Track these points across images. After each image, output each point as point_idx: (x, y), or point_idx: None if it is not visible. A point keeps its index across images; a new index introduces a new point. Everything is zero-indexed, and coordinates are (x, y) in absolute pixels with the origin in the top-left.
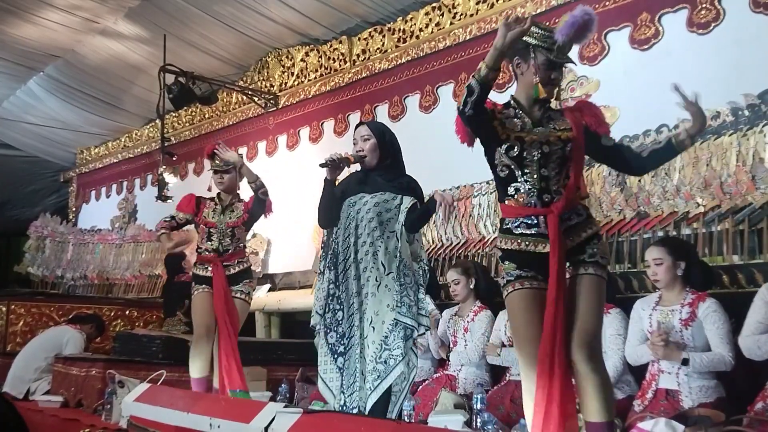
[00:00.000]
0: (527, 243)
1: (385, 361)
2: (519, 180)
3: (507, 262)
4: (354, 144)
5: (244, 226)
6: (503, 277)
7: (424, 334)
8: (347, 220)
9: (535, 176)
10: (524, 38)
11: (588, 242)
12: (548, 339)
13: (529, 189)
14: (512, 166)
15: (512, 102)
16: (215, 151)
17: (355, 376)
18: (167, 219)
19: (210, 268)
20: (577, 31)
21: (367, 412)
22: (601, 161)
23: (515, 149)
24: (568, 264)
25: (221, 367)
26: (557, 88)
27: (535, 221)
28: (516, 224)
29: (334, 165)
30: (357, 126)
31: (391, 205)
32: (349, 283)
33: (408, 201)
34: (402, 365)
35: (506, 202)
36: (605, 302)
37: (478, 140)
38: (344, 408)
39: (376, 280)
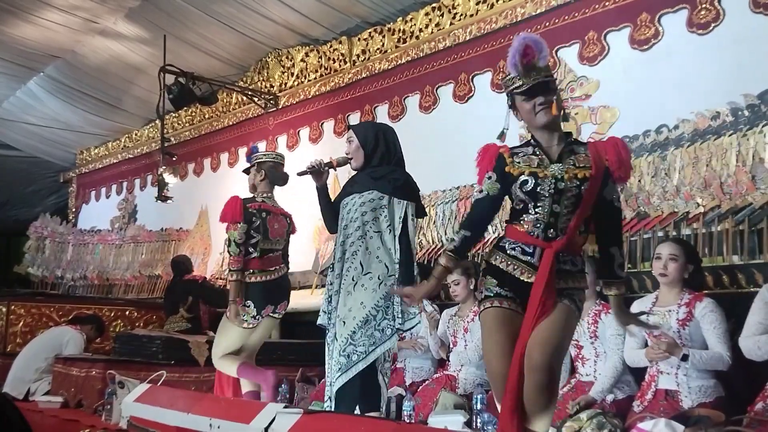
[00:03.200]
0: (515, 267)
1: (348, 356)
2: (530, 212)
3: (489, 277)
4: (346, 146)
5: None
6: (482, 292)
7: (403, 335)
8: (341, 222)
9: (546, 210)
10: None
11: (572, 289)
12: (516, 367)
13: (536, 220)
14: (526, 200)
15: (532, 140)
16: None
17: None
18: None
19: None
20: (521, 56)
21: (332, 406)
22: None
23: (529, 183)
24: None
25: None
26: (558, 106)
27: (532, 250)
28: (512, 246)
29: (314, 171)
30: (347, 128)
31: (376, 204)
32: (335, 283)
33: (400, 208)
34: (363, 363)
35: (512, 224)
36: (602, 302)
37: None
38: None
39: (353, 279)
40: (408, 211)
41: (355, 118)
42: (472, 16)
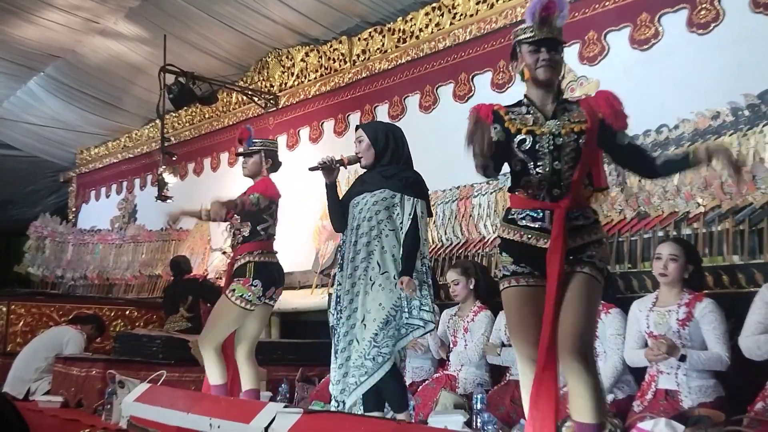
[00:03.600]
0: (529, 236)
1: (374, 358)
2: (531, 172)
3: (505, 255)
4: (355, 146)
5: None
6: (500, 270)
7: (432, 331)
8: (352, 221)
9: (547, 169)
10: (512, 41)
11: (589, 245)
12: (546, 338)
13: (539, 181)
14: (525, 159)
15: (525, 99)
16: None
17: (341, 372)
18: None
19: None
20: (542, 8)
21: (347, 408)
22: (613, 159)
23: (527, 142)
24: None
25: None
26: (559, 69)
27: (541, 215)
28: (521, 216)
29: (325, 168)
30: (356, 128)
31: (389, 203)
32: (346, 282)
33: (409, 205)
34: (389, 364)
35: (516, 192)
36: (601, 302)
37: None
38: (336, 403)
39: (370, 279)
40: (417, 209)
41: (355, 118)
42: (472, 16)
